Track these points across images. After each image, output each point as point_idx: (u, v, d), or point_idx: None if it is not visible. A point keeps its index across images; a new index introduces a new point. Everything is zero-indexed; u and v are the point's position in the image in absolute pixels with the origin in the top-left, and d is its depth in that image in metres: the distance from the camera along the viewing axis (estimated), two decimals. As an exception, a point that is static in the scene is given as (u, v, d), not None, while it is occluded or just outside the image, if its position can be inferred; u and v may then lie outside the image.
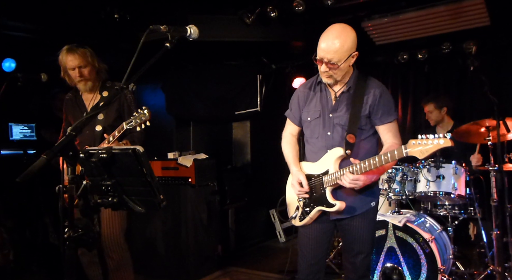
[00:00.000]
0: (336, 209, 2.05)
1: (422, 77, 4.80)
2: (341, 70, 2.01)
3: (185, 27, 1.79)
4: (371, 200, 2.17)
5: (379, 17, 4.02)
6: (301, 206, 2.21)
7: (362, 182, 1.98)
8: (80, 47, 2.63)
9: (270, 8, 3.76)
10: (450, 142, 1.72)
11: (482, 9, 3.59)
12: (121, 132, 2.45)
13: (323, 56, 1.97)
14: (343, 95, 2.12)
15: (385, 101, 2.09)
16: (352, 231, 2.15)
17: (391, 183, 3.36)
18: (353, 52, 2.00)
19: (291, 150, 2.31)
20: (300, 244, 2.25)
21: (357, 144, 2.07)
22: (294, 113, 2.31)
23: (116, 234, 2.59)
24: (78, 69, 2.60)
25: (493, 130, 2.91)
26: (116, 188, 1.37)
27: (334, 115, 2.11)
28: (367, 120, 2.10)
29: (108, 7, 3.71)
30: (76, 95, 2.80)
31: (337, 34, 1.96)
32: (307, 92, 2.24)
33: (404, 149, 1.82)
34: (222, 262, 4.11)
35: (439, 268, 2.85)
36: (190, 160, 3.89)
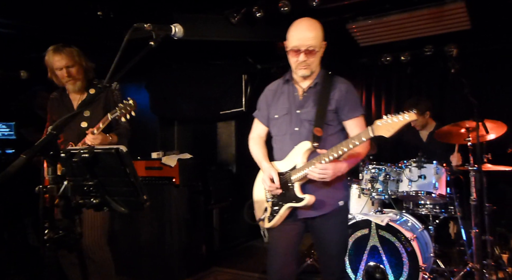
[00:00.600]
0: (305, 203, 2.02)
1: (405, 79, 4.88)
2: (317, 58, 2.07)
3: (169, 26, 1.77)
4: (339, 198, 2.14)
5: (364, 19, 4.06)
6: (269, 206, 2.17)
7: (332, 171, 1.95)
8: (66, 47, 2.59)
9: (256, 8, 3.76)
10: (415, 115, 1.76)
11: (463, 13, 3.67)
12: (105, 123, 2.42)
13: (300, 44, 2.01)
14: (310, 91, 2.14)
15: (351, 97, 2.13)
16: (324, 234, 2.13)
17: (374, 183, 3.41)
18: (323, 42, 2.09)
19: (260, 148, 2.30)
20: (270, 248, 2.20)
21: (325, 139, 2.07)
22: (262, 113, 2.31)
23: (98, 235, 2.55)
24: (66, 69, 2.57)
25: (473, 131, 2.98)
26: (98, 188, 1.35)
27: (301, 111, 2.12)
28: (334, 116, 2.11)
29: (91, 4, 3.65)
30: (63, 94, 2.75)
31: (309, 23, 2.06)
32: (275, 91, 2.26)
33: (370, 129, 1.84)
34: (206, 262, 4.09)
35: (421, 266, 2.90)
36: (174, 160, 3.86)
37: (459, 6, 3.57)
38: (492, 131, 3.17)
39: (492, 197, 3.20)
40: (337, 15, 4.01)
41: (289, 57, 2.11)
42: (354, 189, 3.64)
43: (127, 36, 1.58)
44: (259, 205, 2.27)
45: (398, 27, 4.08)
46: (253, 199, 2.31)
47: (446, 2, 3.58)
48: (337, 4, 3.71)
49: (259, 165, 2.26)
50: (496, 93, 4.33)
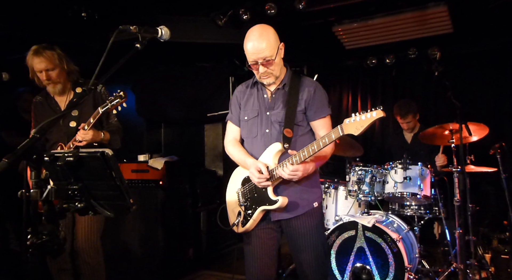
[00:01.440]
0: (278, 205, 2.01)
1: (390, 81, 4.95)
2: (277, 64, 2.06)
3: (156, 28, 1.76)
4: (313, 199, 2.13)
5: (349, 22, 4.11)
6: (242, 210, 2.14)
7: (301, 172, 1.96)
8: (47, 49, 2.52)
9: (243, 10, 3.76)
10: (382, 113, 1.76)
11: (445, 17, 3.75)
12: (96, 118, 2.37)
13: (256, 58, 2.01)
14: (278, 93, 2.15)
15: (319, 97, 2.13)
16: (297, 235, 2.10)
17: (360, 184, 3.44)
18: (279, 44, 2.07)
19: (239, 149, 2.23)
20: (247, 253, 2.18)
21: (295, 139, 2.08)
22: (234, 115, 2.29)
23: (95, 239, 2.52)
24: (46, 72, 2.51)
25: (456, 133, 3.03)
26: (83, 192, 1.32)
27: (271, 112, 2.13)
28: (303, 116, 2.12)
29: (76, 5, 3.60)
30: (47, 97, 2.69)
31: (259, 33, 2.03)
32: (244, 93, 2.25)
33: (340, 128, 1.85)
34: (193, 265, 4.07)
35: (406, 266, 2.93)
36: (161, 162, 3.83)
37: (442, 10, 3.64)
38: (475, 133, 3.24)
39: (475, 198, 3.28)
40: (323, 18, 4.04)
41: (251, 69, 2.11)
42: (341, 191, 3.67)
43: (112, 38, 1.56)
44: (232, 209, 2.23)
45: (383, 30, 4.14)
46: (226, 203, 2.27)
47: (429, 6, 3.65)
48: (323, 7, 3.74)
49: (243, 164, 2.19)
50: (478, 95, 4.44)
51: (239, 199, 2.18)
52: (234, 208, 2.21)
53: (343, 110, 5.22)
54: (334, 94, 5.26)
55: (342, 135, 1.85)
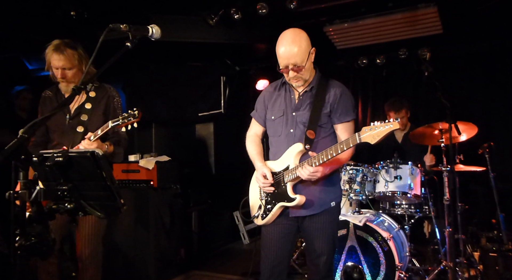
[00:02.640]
0: (296, 202, 2.09)
1: (380, 81, 4.98)
2: (306, 69, 2.11)
3: (146, 27, 1.75)
4: (331, 199, 2.20)
5: (340, 23, 4.12)
6: (263, 204, 2.24)
7: (320, 174, 2.02)
8: (69, 47, 2.42)
9: (234, 10, 3.76)
10: (398, 125, 1.85)
11: (435, 18, 3.78)
12: (104, 130, 2.30)
13: (287, 63, 2.06)
14: (306, 95, 2.20)
15: (345, 101, 2.18)
16: (313, 231, 2.19)
17: (351, 184, 3.46)
18: (311, 49, 2.11)
19: (255, 147, 2.36)
20: (263, 245, 2.26)
21: (317, 141, 2.14)
22: (259, 114, 2.38)
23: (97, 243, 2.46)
24: (62, 70, 2.42)
25: (446, 133, 3.07)
26: (72, 193, 1.30)
27: (297, 113, 2.19)
28: (328, 119, 2.17)
29: (64, 4, 3.55)
30: (57, 93, 2.59)
31: (291, 38, 2.06)
32: (272, 93, 2.32)
33: (358, 135, 1.91)
34: (185, 266, 4.05)
35: (397, 265, 2.96)
36: (152, 162, 3.81)
37: (432, 11, 3.68)
38: (464, 132, 3.28)
39: (464, 197, 3.31)
40: (314, 18, 4.05)
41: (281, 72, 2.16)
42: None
43: (102, 37, 1.55)
44: (254, 202, 2.33)
45: (373, 30, 4.17)
46: (248, 196, 2.37)
47: (419, 7, 3.68)
48: (314, 7, 3.75)
49: (253, 163, 2.31)
50: (467, 95, 4.49)
51: (260, 193, 2.27)
52: (255, 201, 2.31)
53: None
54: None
55: (359, 143, 1.91)
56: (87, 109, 2.50)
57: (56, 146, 2.49)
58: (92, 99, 2.53)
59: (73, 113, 2.50)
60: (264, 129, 2.39)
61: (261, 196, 2.27)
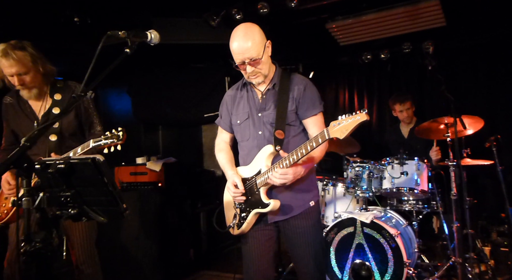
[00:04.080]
0: (270, 208, 1.99)
1: (385, 76, 4.95)
2: (264, 63, 2.02)
3: (145, 32, 1.76)
4: (308, 199, 2.11)
5: (342, 19, 4.10)
6: (238, 212, 2.13)
7: (292, 176, 1.92)
8: (18, 49, 2.15)
9: (235, 10, 3.76)
10: (366, 116, 1.74)
11: (438, 11, 3.74)
12: (84, 150, 2.14)
13: (243, 57, 1.98)
14: (269, 93, 2.11)
15: (310, 94, 2.09)
16: (296, 238, 2.09)
17: (358, 181, 3.45)
18: (266, 42, 2.03)
19: (225, 155, 2.25)
20: (244, 255, 2.17)
21: (288, 140, 2.05)
22: (224, 120, 2.28)
23: (90, 246, 2.40)
24: (18, 76, 2.17)
25: (452, 127, 3.03)
26: (75, 199, 1.33)
27: (262, 114, 2.10)
28: (295, 116, 2.09)
29: (68, 10, 3.60)
30: (20, 100, 2.36)
31: (243, 33, 1.98)
32: (234, 96, 2.22)
33: (326, 131, 1.82)
34: (194, 266, 4.08)
35: (405, 262, 2.94)
36: (159, 164, 3.85)
37: (434, 3, 3.64)
38: (470, 126, 3.25)
39: (472, 191, 3.28)
40: (316, 15, 4.04)
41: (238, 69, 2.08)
42: (339, 188, 3.67)
43: (101, 44, 1.57)
44: (228, 211, 2.23)
45: (376, 25, 4.14)
46: (223, 206, 2.27)
47: (421, 0, 3.64)
48: (315, 4, 3.73)
49: (225, 172, 2.20)
50: (473, 88, 4.44)
51: (234, 201, 2.17)
52: (230, 210, 2.21)
53: (339, 107, 5.22)
54: (330, 92, 5.26)
55: (329, 139, 1.82)
56: (55, 114, 2.28)
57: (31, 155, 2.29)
58: (59, 103, 2.31)
59: (41, 121, 2.30)
60: (232, 135, 2.28)
61: (235, 204, 2.15)
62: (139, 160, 4.06)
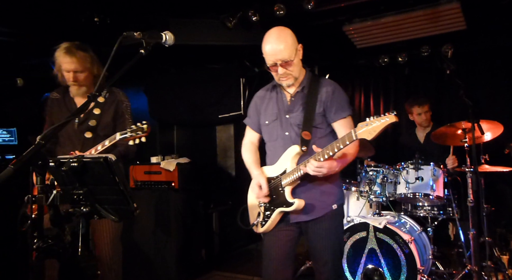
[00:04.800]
0: (295, 207, 2.03)
1: (402, 80, 4.88)
2: (295, 65, 2.08)
3: (160, 33, 1.78)
4: (332, 202, 2.13)
5: (360, 21, 4.06)
6: (262, 211, 2.18)
7: (326, 170, 1.94)
8: (81, 50, 2.41)
9: (252, 12, 3.77)
10: (395, 118, 1.75)
11: (458, 14, 3.67)
12: (112, 142, 2.27)
13: (275, 59, 2.03)
14: (297, 95, 2.15)
15: (338, 97, 2.12)
16: (317, 238, 2.11)
17: (372, 185, 3.40)
18: (298, 46, 2.09)
19: (251, 155, 2.31)
20: (265, 253, 2.20)
21: (314, 141, 2.07)
22: (252, 120, 2.34)
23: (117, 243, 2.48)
24: (74, 73, 2.39)
25: (469, 132, 2.97)
26: (88, 197, 1.35)
27: (290, 115, 2.14)
28: (323, 119, 2.12)
29: (88, 11, 3.68)
30: (65, 96, 2.56)
31: (276, 36, 2.04)
32: (264, 97, 2.28)
33: (354, 132, 1.83)
34: (206, 266, 4.10)
35: (419, 268, 2.89)
36: (173, 164, 3.88)
37: (454, 6, 3.57)
38: (489, 132, 3.16)
39: (491, 198, 3.20)
40: (333, 18, 4.01)
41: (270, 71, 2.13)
42: (353, 192, 3.64)
43: (117, 45, 1.60)
44: (252, 210, 2.28)
45: (394, 28, 4.09)
46: (247, 204, 2.32)
47: (441, 3, 3.58)
48: (332, 6, 3.71)
49: (249, 172, 2.26)
50: (493, 93, 4.33)
51: (259, 200, 2.22)
52: (254, 208, 2.26)
53: (355, 110, 5.16)
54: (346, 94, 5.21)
55: (355, 139, 1.84)
56: (95, 115, 2.47)
57: (64, 150, 2.47)
58: (101, 105, 2.50)
59: (82, 118, 2.47)
60: (260, 135, 2.33)
61: (259, 203, 2.20)
62: (153, 159, 4.10)
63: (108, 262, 2.45)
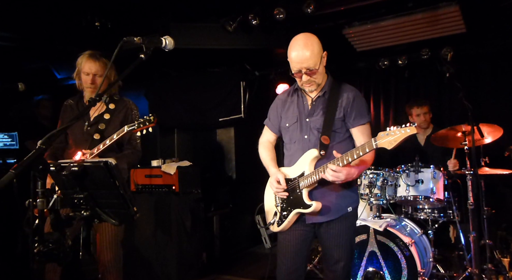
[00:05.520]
0: (312, 209, 2.07)
1: (402, 82, 4.89)
2: (320, 73, 2.11)
3: (160, 38, 1.80)
4: (347, 204, 2.18)
5: (360, 24, 4.08)
6: (279, 211, 2.23)
7: (344, 176, 1.97)
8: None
9: (252, 16, 3.79)
10: (415, 129, 1.79)
11: (457, 17, 3.68)
12: (120, 135, 2.37)
13: (300, 67, 2.06)
14: (318, 100, 2.19)
15: (358, 104, 2.15)
16: (330, 237, 2.16)
17: (372, 188, 3.40)
18: (323, 53, 2.12)
19: (268, 153, 2.37)
20: (279, 252, 2.25)
21: (332, 146, 2.11)
22: (272, 122, 2.38)
23: (118, 247, 2.53)
24: (93, 76, 2.55)
25: (469, 135, 2.98)
26: (88, 201, 1.36)
27: (310, 119, 2.18)
28: (342, 124, 2.15)
29: (89, 15, 3.70)
30: (79, 102, 2.69)
31: (303, 43, 2.06)
32: (285, 100, 2.32)
33: (374, 141, 1.87)
34: (206, 269, 4.10)
35: (419, 271, 2.89)
36: (174, 167, 3.88)
37: (454, 10, 3.59)
38: (489, 135, 3.17)
39: (491, 200, 3.20)
40: (332, 21, 4.03)
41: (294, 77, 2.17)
42: (353, 194, 3.63)
43: (117, 50, 1.61)
44: (269, 209, 2.33)
45: (394, 31, 4.10)
46: (264, 203, 2.37)
47: (440, 6, 3.59)
48: (332, 10, 3.73)
49: (267, 169, 2.31)
50: (493, 96, 4.33)
51: (276, 199, 2.27)
52: (271, 208, 2.31)
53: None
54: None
55: (375, 148, 1.87)
56: (105, 119, 2.58)
57: (73, 151, 2.55)
58: (111, 111, 2.61)
59: (92, 121, 2.58)
60: (277, 136, 2.40)
61: (276, 203, 2.26)
62: (154, 163, 4.11)
63: (109, 266, 2.48)
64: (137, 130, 2.36)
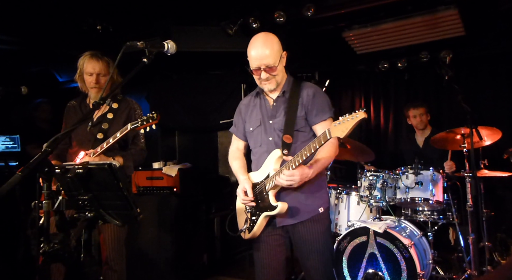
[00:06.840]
0: (278, 210, 2.04)
1: (402, 85, 4.92)
2: (279, 71, 2.11)
3: (162, 43, 1.83)
4: (318, 205, 2.14)
5: (360, 27, 4.11)
6: (249, 217, 2.19)
7: (299, 177, 1.94)
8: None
9: (252, 19, 3.82)
10: (364, 114, 1.77)
11: (456, 20, 3.71)
12: (123, 133, 2.37)
13: (259, 64, 2.07)
14: (279, 100, 2.19)
15: (319, 100, 2.15)
16: (306, 246, 2.12)
17: (372, 190, 3.42)
18: (282, 53, 2.13)
19: (238, 162, 2.33)
20: (255, 260, 2.22)
21: (296, 146, 2.09)
22: (238, 128, 2.38)
23: (121, 245, 2.54)
24: (97, 76, 2.56)
25: (468, 137, 3.00)
26: (92, 202, 1.39)
27: (273, 121, 2.18)
28: (305, 122, 2.14)
29: (91, 19, 3.73)
30: (82, 103, 2.70)
31: (263, 41, 2.08)
32: (248, 105, 2.32)
33: (327, 131, 1.85)
34: (207, 271, 4.11)
35: (419, 273, 2.90)
36: (175, 170, 3.91)
37: (453, 13, 3.61)
38: (488, 137, 3.20)
39: (491, 203, 3.21)
40: (332, 24, 4.06)
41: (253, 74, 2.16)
42: (353, 196, 3.66)
43: (120, 54, 1.64)
44: (240, 216, 2.30)
45: (393, 34, 4.13)
46: (236, 211, 2.34)
47: (439, 10, 3.62)
48: (332, 13, 3.76)
49: (237, 178, 2.28)
50: (492, 99, 4.36)
51: (246, 206, 2.22)
52: (241, 214, 2.27)
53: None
54: (346, 99, 5.25)
55: (330, 138, 1.85)
56: (109, 119, 2.59)
57: (75, 151, 2.57)
58: (114, 110, 2.62)
59: (95, 121, 2.59)
60: (246, 143, 2.37)
61: (246, 209, 2.21)
62: (155, 165, 4.14)
63: (112, 266, 2.51)
64: (141, 127, 2.37)
